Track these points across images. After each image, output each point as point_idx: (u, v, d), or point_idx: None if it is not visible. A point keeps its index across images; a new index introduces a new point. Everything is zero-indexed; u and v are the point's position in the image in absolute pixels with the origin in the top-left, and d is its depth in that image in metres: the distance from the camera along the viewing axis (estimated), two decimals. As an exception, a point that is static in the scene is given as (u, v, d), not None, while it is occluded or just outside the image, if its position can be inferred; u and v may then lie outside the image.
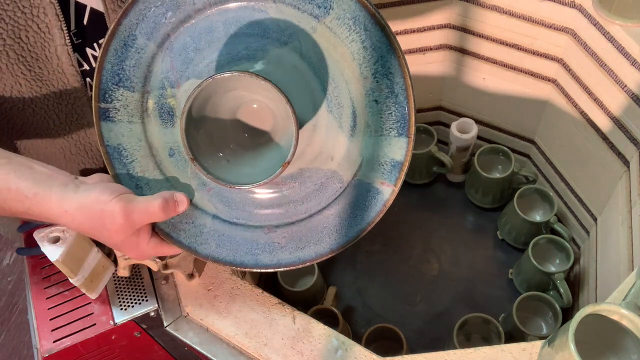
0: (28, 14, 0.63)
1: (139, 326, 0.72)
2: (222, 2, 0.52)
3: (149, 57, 0.53)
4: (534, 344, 0.62)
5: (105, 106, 0.53)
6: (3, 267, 1.61)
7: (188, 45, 0.53)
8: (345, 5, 0.51)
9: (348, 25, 0.51)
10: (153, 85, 0.54)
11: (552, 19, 0.87)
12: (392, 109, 0.53)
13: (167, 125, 0.55)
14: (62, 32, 0.66)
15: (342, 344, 0.65)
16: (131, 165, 0.55)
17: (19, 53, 0.65)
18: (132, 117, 0.54)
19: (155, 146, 0.55)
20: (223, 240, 0.56)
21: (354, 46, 0.52)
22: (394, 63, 0.53)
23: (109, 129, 0.53)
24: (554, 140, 1.02)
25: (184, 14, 0.52)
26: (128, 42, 0.52)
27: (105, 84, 0.53)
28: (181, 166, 0.56)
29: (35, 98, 0.69)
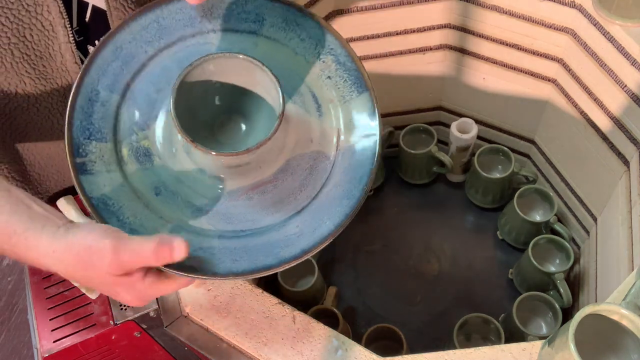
0: (32, 12, 0.63)
1: (139, 326, 0.72)
2: (169, 45, 0.57)
3: (114, 108, 0.55)
4: (534, 344, 0.62)
5: (81, 160, 0.53)
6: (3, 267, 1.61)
7: (149, 89, 0.56)
8: (274, 12, 0.58)
9: (282, 28, 0.59)
10: (123, 133, 0.55)
11: (552, 19, 0.87)
12: (345, 76, 0.59)
13: (147, 166, 0.55)
14: (65, 30, 0.66)
15: (342, 344, 0.65)
16: (120, 212, 0.54)
17: (24, 52, 0.65)
18: (109, 165, 0.55)
19: (140, 189, 0.55)
20: (238, 254, 0.55)
21: (293, 42, 0.59)
22: (330, 39, 0.59)
23: (90, 182, 0.53)
24: (554, 140, 1.02)
25: (139, 63, 0.56)
26: (92, 97, 0.55)
27: (77, 139, 0.54)
28: (170, 201, 0.55)
29: (40, 97, 0.69)
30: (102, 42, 0.56)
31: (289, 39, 0.59)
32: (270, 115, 0.54)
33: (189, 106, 0.52)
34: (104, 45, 0.56)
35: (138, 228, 0.53)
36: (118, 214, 0.53)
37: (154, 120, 0.56)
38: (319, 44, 0.59)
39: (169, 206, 0.55)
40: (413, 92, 1.11)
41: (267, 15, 0.59)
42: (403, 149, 1.09)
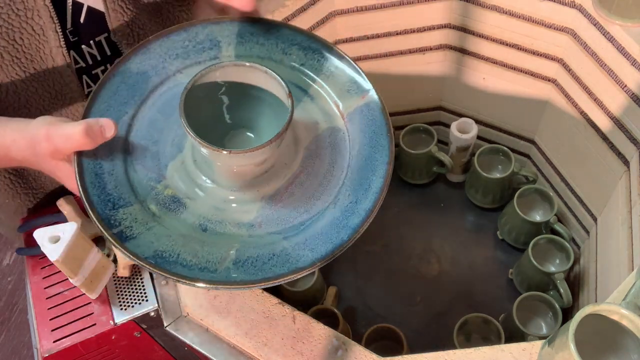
0: (22, 16, 0.63)
1: (139, 326, 0.72)
2: (144, 99, 0.59)
3: (122, 173, 0.55)
4: (534, 344, 0.62)
5: (117, 230, 0.53)
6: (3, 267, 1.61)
7: (146, 145, 0.57)
8: (225, 31, 0.62)
9: (239, 42, 0.62)
10: (143, 191, 0.55)
11: (552, 19, 0.87)
12: (315, 57, 0.62)
13: (181, 210, 0.55)
14: (56, 34, 0.66)
15: (342, 344, 0.65)
16: (180, 259, 0.53)
17: (14, 55, 0.65)
18: (147, 224, 0.54)
19: (187, 233, 0.54)
20: (311, 243, 0.55)
21: (255, 50, 0.62)
22: (287, 32, 0.63)
23: (137, 245, 0.52)
24: (554, 140, 1.02)
25: (125, 125, 0.58)
26: (97, 170, 0.55)
27: (103, 213, 0.53)
28: (221, 230, 0.55)
29: (31, 98, 0.69)
30: (84, 116, 0.57)
31: (250, 49, 0.62)
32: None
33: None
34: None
35: (208, 266, 0.53)
36: (179, 261, 0.52)
37: (165, 169, 0.56)
38: (279, 41, 0.62)
39: (222, 235, 0.55)
40: (413, 92, 1.11)
41: (221, 37, 0.62)
42: (403, 149, 1.09)
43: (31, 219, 0.80)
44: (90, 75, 0.75)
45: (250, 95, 0.57)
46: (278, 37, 0.63)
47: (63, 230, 0.62)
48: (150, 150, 0.57)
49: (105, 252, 0.72)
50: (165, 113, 0.58)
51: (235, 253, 0.53)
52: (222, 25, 0.62)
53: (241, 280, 0.51)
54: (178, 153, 0.57)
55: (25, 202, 0.81)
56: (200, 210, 0.55)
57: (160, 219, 0.54)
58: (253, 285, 0.51)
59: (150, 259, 0.52)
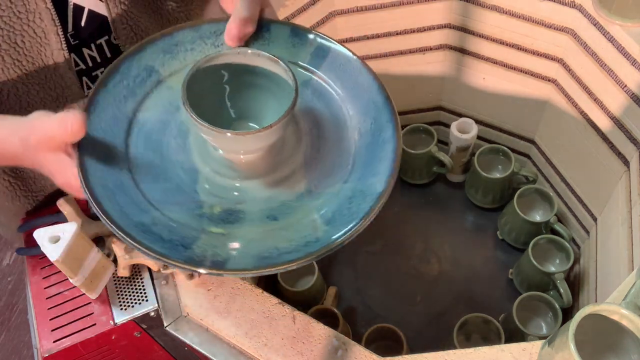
0: (24, 19, 0.63)
1: (139, 326, 0.72)
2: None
3: (166, 220, 0.53)
4: (534, 344, 0.62)
5: (210, 262, 0.50)
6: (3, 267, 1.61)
7: (168, 186, 0.54)
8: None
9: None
10: (198, 223, 0.53)
11: (552, 19, 0.87)
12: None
13: (241, 216, 0.54)
14: (58, 37, 0.66)
15: (342, 344, 0.65)
16: (280, 249, 0.52)
17: (15, 58, 0.65)
18: (226, 244, 0.52)
19: (265, 229, 0.54)
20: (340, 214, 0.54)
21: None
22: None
23: (236, 263, 0.51)
24: (554, 140, 1.02)
25: (129, 182, 0.55)
26: (144, 228, 0.51)
27: (183, 256, 0.50)
28: (287, 210, 0.55)
29: (32, 101, 0.69)
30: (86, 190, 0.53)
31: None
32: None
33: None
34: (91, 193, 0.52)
35: (309, 239, 0.52)
36: (282, 252, 0.51)
37: (197, 194, 0.54)
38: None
39: (294, 209, 0.54)
40: (413, 92, 1.11)
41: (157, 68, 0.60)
42: (403, 149, 1.09)
43: (31, 219, 0.80)
44: (90, 77, 0.75)
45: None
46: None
47: (63, 230, 0.61)
48: (171, 186, 0.54)
49: (105, 252, 0.72)
50: (157, 150, 0.56)
51: (320, 216, 0.53)
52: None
53: (342, 233, 0.51)
54: (197, 174, 0.55)
55: (24, 205, 0.81)
56: (257, 207, 0.54)
57: (232, 233, 0.53)
58: (356, 233, 0.51)
59: (256, 267, 0.50)
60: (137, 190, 0.53)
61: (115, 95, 0.57)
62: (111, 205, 0.51)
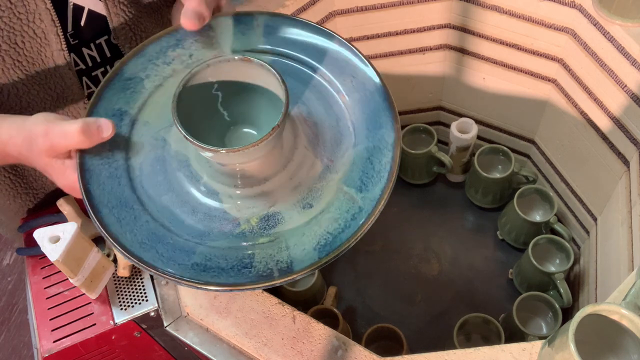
0: (24, 20, 0.63)
1: (139, 326, 0.72)
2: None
3: (217, 250, 0.52)
4: (534, 344, 0.62)
5: (277, 270, 0.50)
6: (3, 267, 1.61)
7: (194, 221, 0.53)
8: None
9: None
10: (244, 239, 0.52)
11: (552, 19, 0.87)
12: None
13: (279, 218, 0.53)
14: (58, 37, 0.66)
15: (342, 344, 0.65)
16: (335, 232, 0.53)
17: (15, 58, 0.65)
18: (280, 249, 0.52)
19: (308, 220, 0.54)
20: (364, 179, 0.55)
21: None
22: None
23: (300, 261, 0.51)
24: (554, 140, 1.02)
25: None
26: (205, 264, 0.51)
27: (255, 277, 0.50)
28: (317, 194, 0.55)
29: (33, 101, 0.69)
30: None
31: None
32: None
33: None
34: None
35: (357, 217, 0.53)
36: (339, 236, 0.52)
37: (228, 214, 0.54)
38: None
39: (328, 191, 0.54)
40: (413, 92, 1.11)
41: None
42: (403, 149, 1.09)
43: (31, 219, 0.80)
44: (90, 77, 0.75)
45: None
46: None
47: (63, 230, 0.62)
48: (201, 216, 0.53)
49: (105, 252, 0.72)
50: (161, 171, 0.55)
51: (350, 187, 0.54)
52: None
53: (380, 191, 0.53)
54: (217, 195, 0.54)
55: (26, 203, 0.81)
56: (289, 202, 0.54)
57: (280, 236, 0.52)
58: (391, 184, 0.53)
59: (321, 258, 0.50)
60: (172, 234, 0.52)
61: (101, 152, 0.54)
62: (157, 256, 0.50)
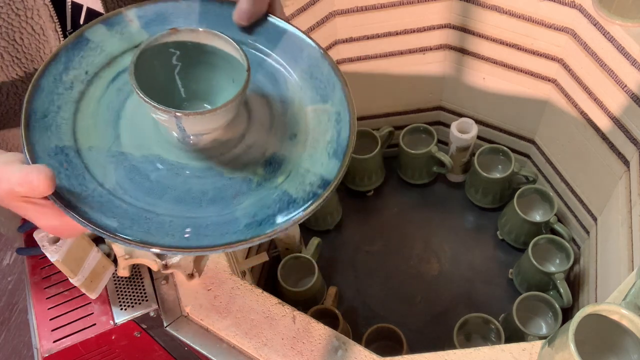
0: (22, 16, 0.63)
1: (139, 326, 0.72)
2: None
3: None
4: (534, 344, 0.62)
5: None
6: (3, 267, 1.61)
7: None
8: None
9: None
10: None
11: (552, 19, 0.87)
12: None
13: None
14: (56, 34, 0.66)
15: (342, 344, 0.65)
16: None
17: (14, 55, 0.65)
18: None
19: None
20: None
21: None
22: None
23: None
24: (554, 140, 1.02)
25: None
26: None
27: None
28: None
29: None
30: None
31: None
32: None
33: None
34: None
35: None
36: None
37: (226, 178, 0.54)
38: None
39: (305, 118, 0.56)
40: (413, 92, 1.11)
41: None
42: (403, 149, 1.09)
43: (31, 219, 0.80)
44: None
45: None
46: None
47: (63, 230, 0.61)
48: (218, 196, 0.52)
49: (105, 252, 0.72)
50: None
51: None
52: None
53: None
54: (214, 171, 0.53)
55: None
56: (278, 136, 0.55)
57: (294, 167, 0.54)
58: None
59: (342, 165, 0.52)
60: (203, 218, 0.51)
61: (75, 190, 0.51)
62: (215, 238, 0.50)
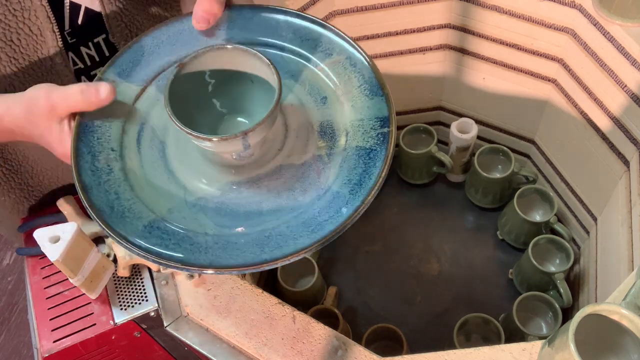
0: (19, 16, 0.63)
1: (139, 326, 0.72)
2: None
3: None
4: (534, 344, 0.62)
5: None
6: (3, 267, 1.61)
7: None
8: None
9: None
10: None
11: (552, 19, 0.87)
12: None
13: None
14: (54, 35, 0.66)
15: (342, 344, 0.65)
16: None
17: (11, 55, 0.65)
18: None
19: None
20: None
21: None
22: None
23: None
24: (554, 140, 1.02)
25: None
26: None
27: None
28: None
29: None
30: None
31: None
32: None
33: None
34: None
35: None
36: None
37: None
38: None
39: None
40: (413, 92, 1.11)
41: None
42: (403, 149, 1.09)
43: (31, 219, 0.80)
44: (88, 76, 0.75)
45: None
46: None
47: (63, 230, 0.62)
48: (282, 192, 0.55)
49: (105, 252, 0.72)
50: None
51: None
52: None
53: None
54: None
55: (20, 199, 0.81)
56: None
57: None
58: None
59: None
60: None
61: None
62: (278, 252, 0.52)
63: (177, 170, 0.56)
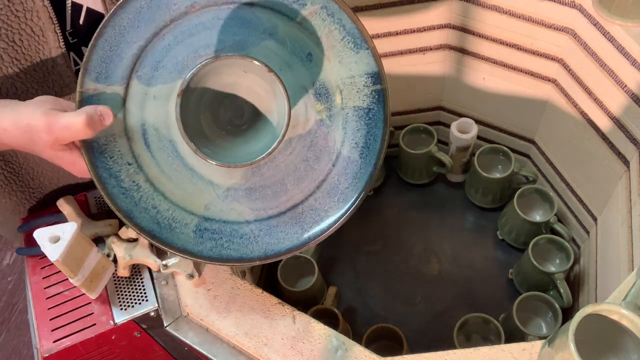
0: (21, 17, 0.63)
1: (139, 326, 0.72)
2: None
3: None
4: (534, 344, 0.62)
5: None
6: (3, 267, 1.61)
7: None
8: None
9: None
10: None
11: (552, 19, 0.87)
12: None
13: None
14: (56, 35, 0.66)
15: (342, 344, 0.65)
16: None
17: (13, 56, 0.65)
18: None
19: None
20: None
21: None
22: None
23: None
24: (554, 140, 1.02)
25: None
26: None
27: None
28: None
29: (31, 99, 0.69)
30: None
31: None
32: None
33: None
34: None
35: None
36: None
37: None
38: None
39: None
40: (413, 92, 1.11)
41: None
42: (403, 149, 1.09)
43: (31, 219, 0.80)
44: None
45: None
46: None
47: (63, 230, 0.62)
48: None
49: (105, 252, 0.72)
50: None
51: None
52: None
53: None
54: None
55: (22, 202, 0.81)
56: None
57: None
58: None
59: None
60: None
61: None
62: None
63: (196, 166, 0.56)
